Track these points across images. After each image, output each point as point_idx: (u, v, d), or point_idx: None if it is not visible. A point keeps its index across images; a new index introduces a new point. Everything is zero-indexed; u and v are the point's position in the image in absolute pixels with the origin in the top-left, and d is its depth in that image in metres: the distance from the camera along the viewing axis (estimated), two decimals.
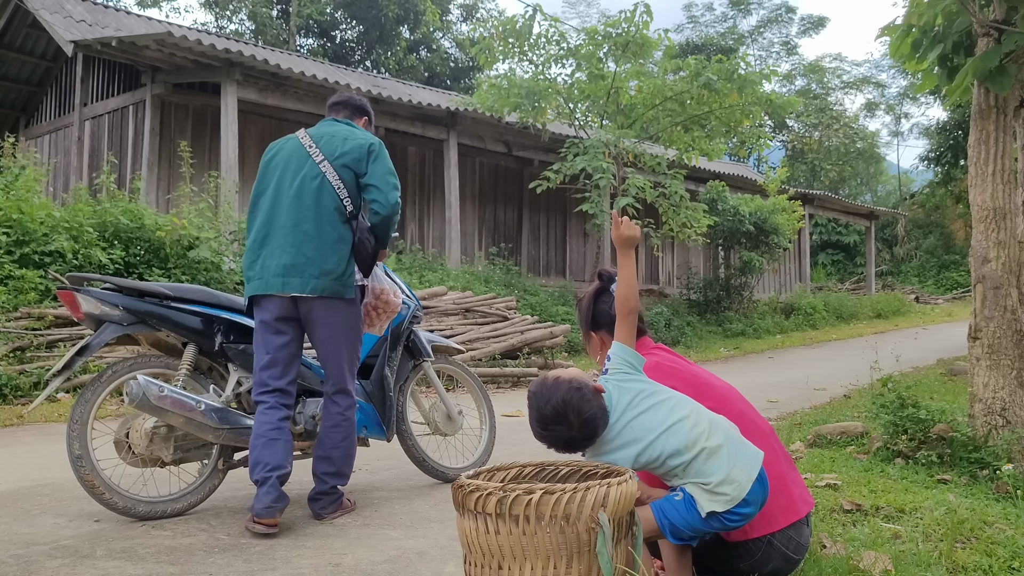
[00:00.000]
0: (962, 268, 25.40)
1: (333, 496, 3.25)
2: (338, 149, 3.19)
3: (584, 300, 2.63)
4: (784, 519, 2.23)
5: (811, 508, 2.37)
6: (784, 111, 13.76)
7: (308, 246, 3.10)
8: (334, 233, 3.14)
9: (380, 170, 3.18)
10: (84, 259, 7.45)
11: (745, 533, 2.20)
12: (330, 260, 3.12)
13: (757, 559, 2.21)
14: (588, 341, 2.65)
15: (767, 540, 2.21)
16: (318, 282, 3.10)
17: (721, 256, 16.64)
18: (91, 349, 3.09)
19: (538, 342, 9.00)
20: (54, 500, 3.46)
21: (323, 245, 3.11)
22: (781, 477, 2.29)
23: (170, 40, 9.11)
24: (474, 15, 29.25)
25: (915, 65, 4.58)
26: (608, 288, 2.55)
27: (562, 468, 2.19)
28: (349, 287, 3.17)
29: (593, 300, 2.58)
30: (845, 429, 4.63)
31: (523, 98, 11.63)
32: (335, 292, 3.13)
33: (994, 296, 3.95)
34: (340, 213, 3.16)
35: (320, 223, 3.12)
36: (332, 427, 3.23)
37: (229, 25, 27.28)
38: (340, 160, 3.18)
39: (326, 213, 3.14)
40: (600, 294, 2.57)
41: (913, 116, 45.11)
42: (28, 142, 12.73)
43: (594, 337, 2.59)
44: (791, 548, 2.24)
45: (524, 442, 5.02)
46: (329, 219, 3.14)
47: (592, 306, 2.58)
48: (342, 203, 3.16)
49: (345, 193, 3.16)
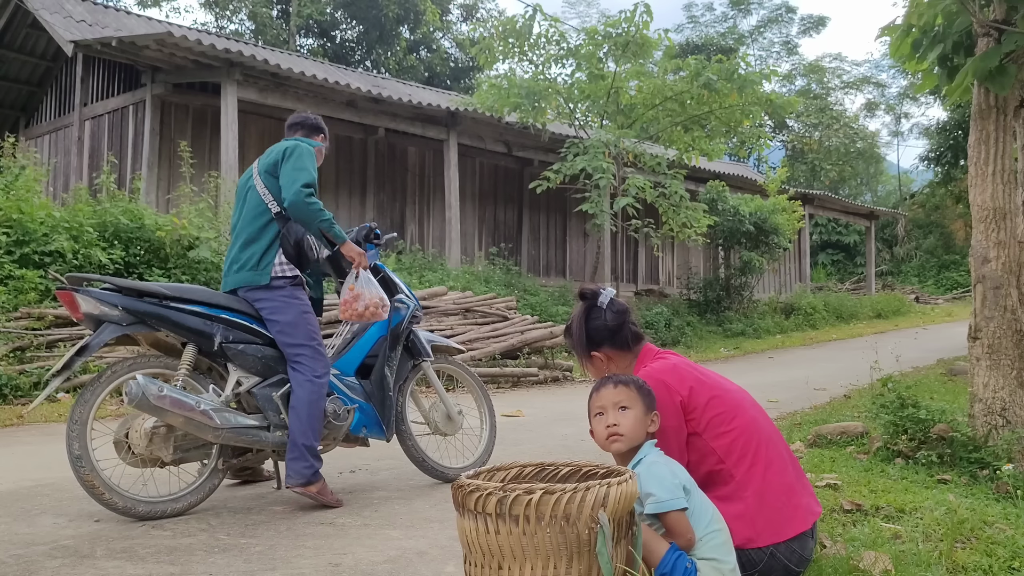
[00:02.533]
0: (962, 268, 25.40)
1: (301, 464, 3.28)
2: (265, 160, 3.55)
3: (573, 324, 2.53)
4: (790, 530, 2.21)
5: (818, 517, 2.34)
6: (784, 111, 13.77)
7: (235, 248, 3.51)
8: (254, 231, 3.47)
9: (287, 168, 3.44)
10: (84, 259, 7.45)
11: (751, 541, 2.18)
12: (245, 255, 3.46)
13: (759, 569, 2.19)
14: (590, 363, 2.53)
15: (770, 552, 2.19)
16: (237, 276, 3.46)
17: (721, 256, 16.65)
18: (90, 349, 3.09)
19: (538, 342, 9.00)
20: (54, 500, 3.46)
21: (244, 243, 3.47)
22: (789, 486, 2.27)
23: (170, 40, 9.11)
24: (474, 15, 29.26)
25: (915, 65, 4.57)
26: (595, 304, 2.49)
27: (562, 468, 2.18)
28: (263, 274, 3.42)
29: (584, 320, 2.50)
30: (845, 429, 4.63)
31: (523, 98, 11.63)
32: (249, 281, 3.43)
33: (994, 296, 3.95)
34: (263, 213, 3.47)
35: (244, 225, 3.50)
36: (297, 387, 3.37)
37: (229, 25, 27.29)
38: (265, 168, 3.52)
39: (249, 215, 3.50)
40: (589, 312, 2.49)
41: (913, 116, 45.15)
42: (28, 142, 12.73)
43: (596, 356, 2.50)
44: (794, 561, 2.22)
45: (524, 442, 5.02)
46: (250, 220, 3.48)
47: (584, 326, 2.49)
48: (265, 205, 3.47)
49: (270, 197, 3.47)
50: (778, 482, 2.25)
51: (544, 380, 8.56)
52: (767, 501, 2.22)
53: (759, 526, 2.19)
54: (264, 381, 3.40)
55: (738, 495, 2.23)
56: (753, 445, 2.26)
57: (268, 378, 3.41)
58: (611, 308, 2.47)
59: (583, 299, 2.53)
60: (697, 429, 2.28)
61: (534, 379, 8.47)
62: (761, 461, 2.25)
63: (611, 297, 2.50)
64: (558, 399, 7.38)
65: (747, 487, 2.23)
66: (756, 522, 2.19)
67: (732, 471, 2.25)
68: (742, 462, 2.24)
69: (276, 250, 3.45)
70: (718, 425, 2.27)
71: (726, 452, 2.25)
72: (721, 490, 2.23)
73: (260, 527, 3.08)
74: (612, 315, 2.47)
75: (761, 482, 2.23)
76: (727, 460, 2.25)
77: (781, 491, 2.24)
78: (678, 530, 2.03)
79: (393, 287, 3.94)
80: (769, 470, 2.25)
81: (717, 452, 2.26)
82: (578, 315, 2.53)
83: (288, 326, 3.42)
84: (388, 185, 13.33)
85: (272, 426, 3.36)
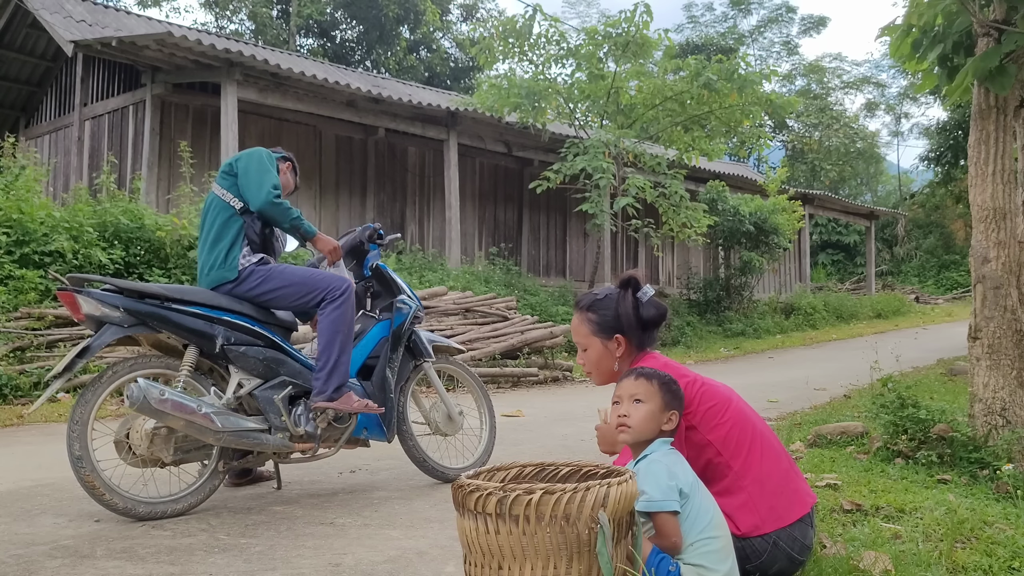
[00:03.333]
0: (962, 268, 25.40)
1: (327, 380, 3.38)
2: (220, 170, 3.64)
3: (607, 300, 2.45)
4: (791, 515, 2.25)
5: (815, 502, 2.38)
6: (784, 111, 13.77)
7: (203, 253, 3.54)
8: (217, 229, 3.50)
9: (251, 170, 3.52)
10: (84, 259, 7.45)
11: (758, 528, 2.21)
12: (213, 255, 3.49)
13: (763, 560, 2.22)
14: (603, 344, 2.45)
15: (772, 540, 2.22)
16: (208, 277, 3.49)
17: (721, 256, 16.65)
18: (92, 351, 3.09)
19: (538, 342, 9.00)
20: (54, 500, 3.46)
21: (211, 244, 3.50)
22: (785, 472, 2.31)
23: (170, 40, 9.11)
24: (474, 15, 29.26)
25: (915, 65, 4.57)
26: (635, 294, 2.43)
27: (562, 468, 2.18)
28: (230, 269, 3.47)
29: (625, 301, 2.42)
30: (845, 429, 4.63)
31: (523, 98, 11.63)
32: (220, 279, 3.46)
33: (994, 296, 3.95)
34: (223, 210, 3.52)
35: (208, 229, 3.54)
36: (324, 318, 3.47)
37: (229, 25, 27.29)
38: (220, 172, 3.62)
39: (210, 219, 3.54)
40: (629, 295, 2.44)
41: (913, 116, 45.10)
42: (28, 142, 12.73)
43: (615, 339, 2.44)
44: (796, 549, 2.25)
45: (524, 442, 5.02)
46: (212, 221, 3.53)
47: (623, 306, 2.41)
48: (225, 203, 3.53)
49: (230, 196, 3.53)
50: (774, 468, 2.28)
51: (544, 380, 8.56)
52: (767, 487, 2.25)
53: (763, 512, 2.22)
54: (265, 383, 3.40)
55: (738, 485, 2.26)
56: (748, 435, 2.30)
57: (269, 380, 3.41)
58: (652, 304, 2.44)
59: (627, 286, 2.46)
60: (693, 422, 2.30)
61: (534, 379, 8.47)
62: (756, 450, 2.29)
63: (652, 295, 2.47)
64: (558, 399, 7.38)
65: (745, 476, 2.26)
66: (760, 509, 2.23)
67: (730, 462, 2.27)
68: (739, 452, 2.28)
69: (240, 244, 3.49)
70: (712, 417, 2.30)
71: (722, 443, 2.28)
72: (720, 483, 2.25)
73: (260, 527, 3.08)
74: (653, 311, 2.44)
75: (759, 470, 2.26)
76: (724, 451, 2.28)
77: (778, 477, 2.27)
78: (664, 532, 2.02)
79: (395, 288, 3.93)
80: (765, 457, 2.29)
81: (714, 444, 2.28)
82: (619, 295, 2.45)
83: (282, 291, 3.48)
84: (388, 185, 13.33)
85: (273, 428, 3.36)
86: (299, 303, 3.52)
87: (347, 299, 3.49)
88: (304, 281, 3.49)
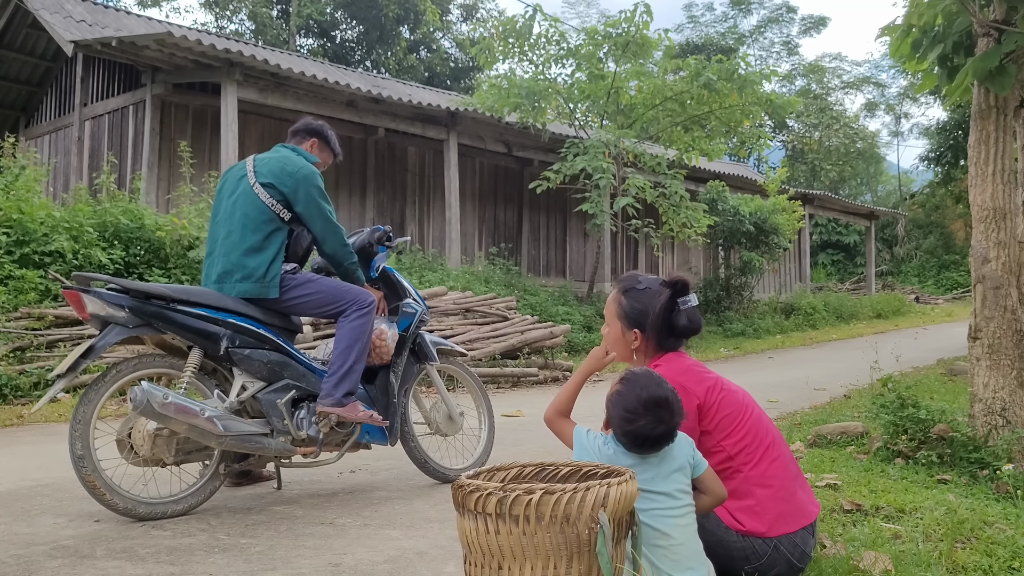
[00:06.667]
0: (962, 268, 25.40)
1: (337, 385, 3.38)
2: (264, 168, 3.49)
3: (648, 296, 2.39)
4: (795, 523, 2.27)
5: (818, 511, 2.40)
6: (784, 111, 13.77)
7: (234, 253, 3.40)
8: (258, 240, 3.40)
9: (319, 209, 3.49)
10: (84, 259, 7.45)
11: (761, 533, 2.23)
12: (251, 264, 3.38)
13: (763, 562, 2.24)
14: (624, 334, 2.43)
15: (774, 544, 2.24)
16: (241, 286, 3.38)
17: (721, 256, 16.64)
18: (96, 351, 3.09)
19: (538, 342, 9.00)
20: (54, 500, 3.46)
21: (247, 251, 3.39)
22: (790, 482, 2.33)
23: (170, 40, 9.11)
24: (474, 15, 29.26)
25: (915, 65, 4.57)
26: (679, 297, 2.37)
27: (562, 468, 2.19)
28: (271, 287, 3.39)
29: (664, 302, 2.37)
30: (845, 429, 4.63)
31: (523, 98, 11.63)
32: (258, 294, 3.38)
33: (994, 296, 3.95)
34: (269, 221, 3.41)
35: (245, 232, 3.40)
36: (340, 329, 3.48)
37: (229, 25, 27.29)
38: (267, 179, 3.45)
39: (252, 223, 3.41)
40: (670, 300, 2.38)
41: (913, 116, 45.15)
42: (28, 142, 12.73)
43: (635, 333, 2.41)
44: (796, 556, 2.28)
45: (524, 442, 5.02)
46: (254, 227, 3.40)
47: (661, 305, 2.36)
48: (273, 213, 3.42)
49: (280, 207, 3.43)
50: (783, 476, 2.31)
51: (544, 380, 8.56)
52: (775, 494, 2.28)
53: (770, 519, 2.25)
54: (269, 386, 3.38)
55: (745, 489, 2.28)
56: (763, 442, 2.32)
57: (273, 383, 3.39)
58: (687, 315, 2.39)
59: (672, 286, 2.38)
60: (708, 428, 2.32)
61: (534, 379, 8.47)
62: (768, 457, 2.31)
63: (693, 305, 2.41)
64: None
65: (755, 481, 2.28)
66: (767, 515, 2.25)
67: (740, 467, 2.29)
68: (751, 459, 2.30)
69: (281, 259, 3.45)
70: (728, 424, 2.32)
71: (736, 449, 2.30)
72: (727, 485, 2.26)
73: (260, 527, 3.08)
74: (685, 321, 2.38)
75: (768, 477, 2.29)
76: (736, 458, 2.30)
77: (786, 485, 2.30)
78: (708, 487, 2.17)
79: (401, 291, 3.92)
80: (774, 465, 2.31)
81: (726, 449, 2.30)
82: (659, 293, 2.39)
83: (309, 299, 3.49)
84: (388, 185, 13.33)
85: (275, 432, 3.35)
86: (322, 311, 3.53)
87: (372, 312, 3.53)
88: (332, 291, 3.51)
